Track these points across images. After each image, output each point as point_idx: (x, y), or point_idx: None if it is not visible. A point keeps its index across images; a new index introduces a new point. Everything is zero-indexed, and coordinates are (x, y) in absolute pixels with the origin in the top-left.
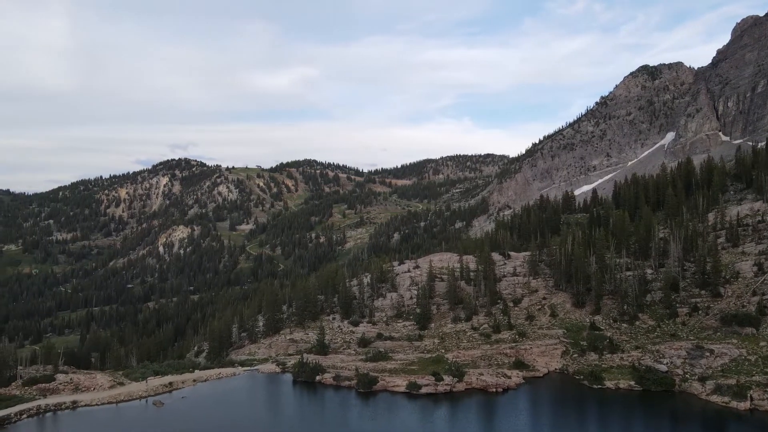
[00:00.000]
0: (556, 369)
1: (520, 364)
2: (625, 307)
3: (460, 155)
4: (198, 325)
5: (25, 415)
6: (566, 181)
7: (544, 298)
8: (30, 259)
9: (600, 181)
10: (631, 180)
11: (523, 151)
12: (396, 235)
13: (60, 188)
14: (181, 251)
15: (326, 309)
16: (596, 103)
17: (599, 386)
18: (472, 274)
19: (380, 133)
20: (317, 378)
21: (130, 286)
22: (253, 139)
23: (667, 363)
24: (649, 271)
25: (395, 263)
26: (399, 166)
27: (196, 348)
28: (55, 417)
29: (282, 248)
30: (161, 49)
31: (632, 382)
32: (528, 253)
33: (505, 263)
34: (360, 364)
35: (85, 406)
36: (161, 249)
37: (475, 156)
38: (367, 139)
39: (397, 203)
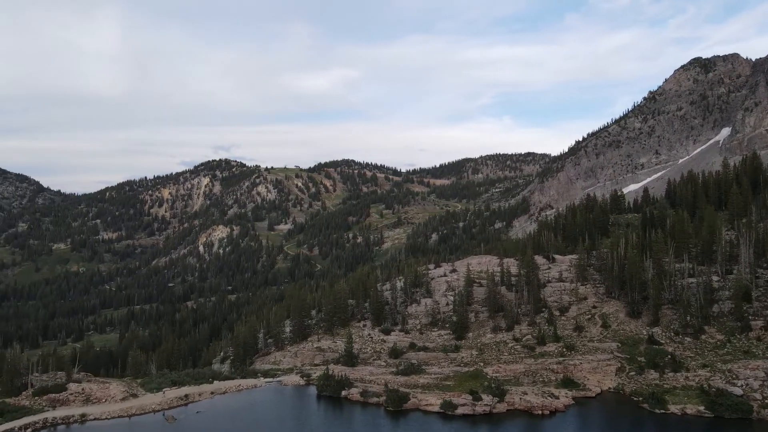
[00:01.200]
0: (610, 388)
1: (568, 382)
2: (689, 318)
3: (499, 154)
4: (233, 326)
5: (30, 429)
6: (612, 180)
7: (594, 307)
8: (78, 257)
9: (648, 179)
10: (687, 177)
11: (566, 150)
12: (434, 236)
13: (107, 189)
14: (221, 251)
15: (357, 315)
16: (644, 98)
17: (662, 410)
18: (513, 278)
19: (419, 133)
20: (343, 393)
21: (171, 285)
22: (293, 140)
23: (741, 385)
24: (715, 278)
25: (431, 266)
26: (437, 166)
27: (222, 353)
28: None
29: (319, 248)
30: (206, 53)
31: (701, 407)
32: (575, 256)
33: (549, 267)
34: (390, 378)
35: (95, 419)
36: (201, 248)
37: (515, 155)
38: (406, 139)
39: (435, 203)
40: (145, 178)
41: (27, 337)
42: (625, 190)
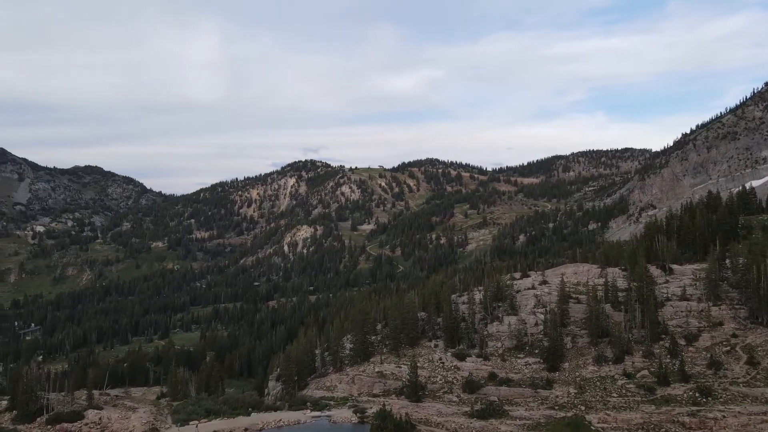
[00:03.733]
0: None
1: None
2: None
3: (593, 150)
4: (311, 328)
5: None
6: (727, 176)
7: (735, 336)
8: (173, 255)
9: None
10: None
11: (670, 144)
12: (521, 237)
13: (201, 190)
14: (304, 251)
15: (428, 332)
16: (766, 83)
17: None
18: (620, 294)
19: (504, 132)
20: None
21: (256, 284)
22: (378, 141)
23: None
24: None
25: (516, 275)
26: (525, 164)
27: (278, 369)
28: None
29: (402, 249)
30: (296, 58)
31: None
32: (697, 266)
33: (667, 281)
34: (463, 422)
35: None
36: (286, 248)
37: (610, 151)
38: (491, 138)
39: (522, 203)
40: (236, 179)
41: (118, 333)
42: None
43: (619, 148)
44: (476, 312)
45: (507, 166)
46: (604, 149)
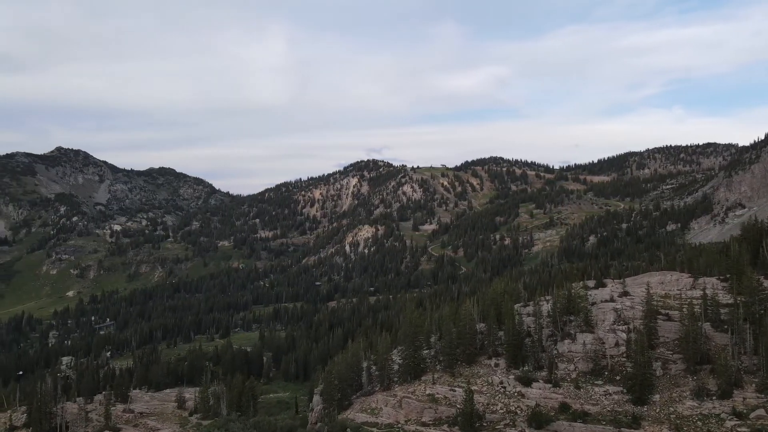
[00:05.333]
0: None
1: None
2: None
3: (671, 146)
4: (368, 332)
5: None
6: None
7: None
8: (238, 254)
9: None
10: None
11: (761, 137)
12: (591, 238)
13: (266, 190)
14: (366, 251)
15: (487, 348)
16: None
17: None
18: (723, 311)
19: (572, 129)
20: None
21: (318, 284)
22: (441, 141)
23: None
24: None
25: (590, 283)
26: (595, 161)
27: (323, 384)
28: None
29: (464, 250)
30: (359, 59)
31: None
32: None
33: None
34: None
35: None
36: (347, 248)
37: (690, 146)
38: (558, 136)
39: (592, 202)
40: (300, 179)
41: (182, 330)
42: None
43: (701, 143)
44: (544, 326)
45: (575, 164)
46: (683, 144)
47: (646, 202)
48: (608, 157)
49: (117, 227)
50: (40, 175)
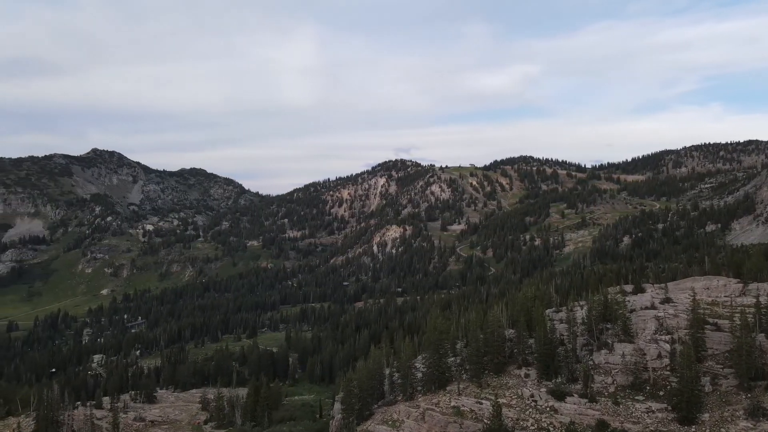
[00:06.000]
0: None
1: None
2: None
3: (709, 144)
4: (394, 335)
5: None
6: None
7: None
8: (267, 254)
9: None
10: None
11: None
12: (626, 239)
13: (295, 190)
14: (393, 251)
15: (517, 357)
16: None
17: None
18: None
19: (604, 128)
20: None
21: (345, 284)
22: (470, 140)
23: None
24: None
25: (627, 288)
26: (629, 160)
27: (343, 392)
28: None
29: (493, 250)
30: (388, 60)
31: None
32: None
33: None
34: None
35: None
36: (375, 248)
37: (730, 144)
38: (590, 135)
39: (626, 201)
40: (328, 179)
41: (210, 330)
42: None
43: (741, 141)
44: (578, 334)
45: (608, 163)
46: (723, 142)
47: (683, 201)
48: (643, 156)
49: (149, 227)
50: (76, 176)
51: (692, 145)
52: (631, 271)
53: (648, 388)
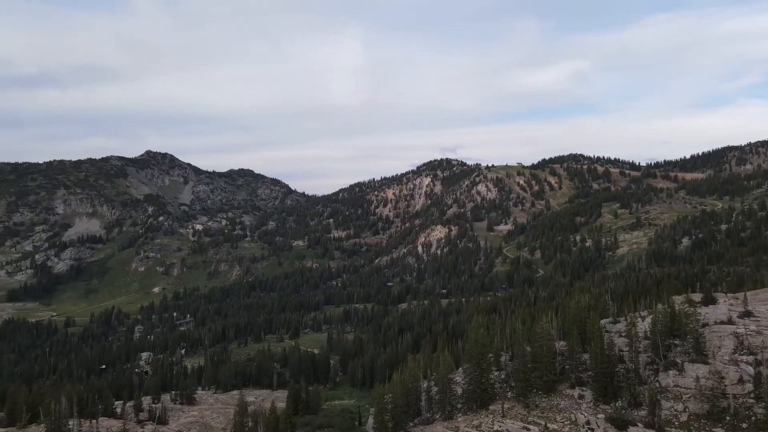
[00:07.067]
0: None
1: None
2: None
3: None
4: (437, 340)
5: None
6: None
7: None
8: (312, 254)
9: None
10: None
11: None
12: (685, 240)
13: (340, 190)
14: (438, 251)
15: (569, 374)
16: None
17: None
18: None
19: (660, 124)
20: None
21: (389, 284)
22: (518, 139)
23: None
24: None
25: (695, 297)
26: (687, 157)
27: (376, 408)
28: None
29: (541, 252)
30: (435, 59)
31: None
32: None
33: None
34: None
35: None
36: (420, 249)
37: None
38: (644, 132)
39: (685, 201)
40: (373, 179)
41: (253, 329)
42: None
43: None
44: (640, 351)
45: (665, 161)
46: None
47: (748, 200)
48: (702, 153)
49: (199, 227)
50: (131, 177)
51: (758, 141)
52: (692, 274)
53: (728, 418)
